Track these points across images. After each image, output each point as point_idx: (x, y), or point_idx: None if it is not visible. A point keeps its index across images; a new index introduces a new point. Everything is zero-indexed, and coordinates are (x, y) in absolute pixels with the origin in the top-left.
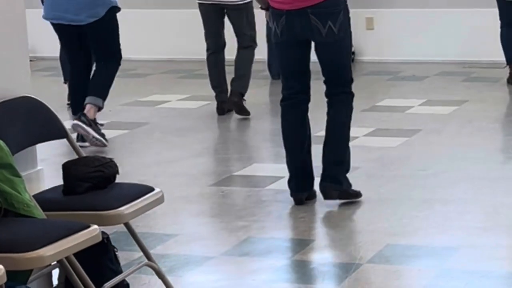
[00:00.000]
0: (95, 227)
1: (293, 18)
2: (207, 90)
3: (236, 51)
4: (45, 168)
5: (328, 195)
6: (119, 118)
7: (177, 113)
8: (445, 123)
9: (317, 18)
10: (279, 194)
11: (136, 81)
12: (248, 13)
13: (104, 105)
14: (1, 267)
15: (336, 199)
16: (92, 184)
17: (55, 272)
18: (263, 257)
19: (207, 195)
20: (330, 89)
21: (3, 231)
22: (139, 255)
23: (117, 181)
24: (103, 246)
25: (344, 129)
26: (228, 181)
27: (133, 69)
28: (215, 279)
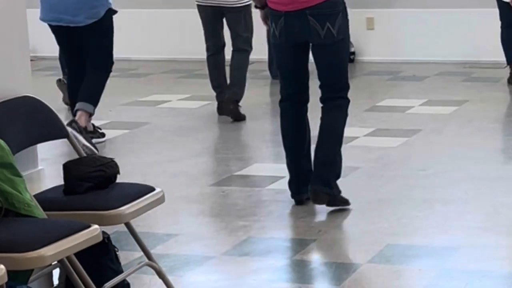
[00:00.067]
0: (96, 227)
1: (291, 19)
2: (207, 90)
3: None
4: (46, 168)
5: (318, 199)
6: (119, 118)
7: (177, 113)
8: (445, 123)
9: (315, 19)
10: (280, 194)
11: (136, 81)
12: (246, 16)
13: (95, 111)
14: (1, 267)
15: (325, 204)
16: (93, 184)
17: (56, 272)
18: (264, 257)
19: (207, 195)
20: (326, 93)
21: (3, 231)
22: (139, 255)
23: (117, 181)
24: (104, 246)
25: (338, 134)
26: (228, 181)
27: (133, 69)
28: (216, 279)
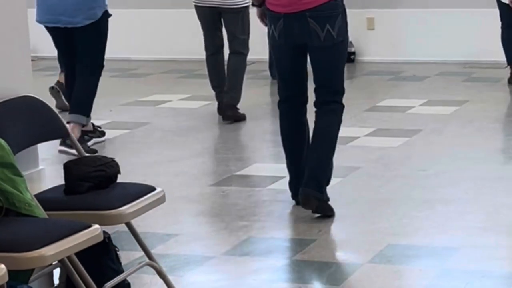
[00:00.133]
0: (97, 226)
1: (290, 21)
2: (207, 90)
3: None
4: (47, 167)
5: (307, 204)
6: (119, 118)
7: (177, 113)
8: (445, 123)
9: (315, 21)
10: (280, 194)
11: (136, 81)
12: (244, 17)
13: (87, 121)
14: (2, 266)
15: (312, 210)
16: (93, 183)
17: (56, 271)
18: (264, 257)
19: (207, 195)
20: (321, 97)
21: (4, 230)
22: (140, 254)
23: (118, 181)
24: (104, 245)
25: (332, 139)
26: (228, 181)
27: (133, 69)
28: (216, 279)
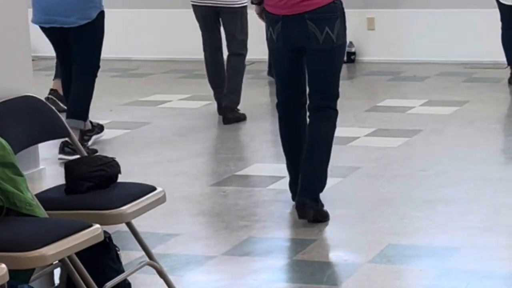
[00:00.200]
0: (97, 226)
1: (289, 23)
2: (208, 90)
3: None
4: (47, 167)
5: (304, 214)
6: (120, 117)
7: (178, 113)
8: (446, 124)
9: (314, 24)
10: (280, 194)
11: (137, 81)
12: (242, 17)
13: (85, 125)
14: (3, 266)
15: (309, 220)
16: (94, 183)
17: (57, 271)
18: (264, 257)
19: (208, 195)
20: (316, 101)
21: (5, 230)
22: (140, 254)
23: (118, 180)
24: (105, 245)
25: (327, 147)
26: (229, 181)
27: (134, 69)
28: (216, 279)
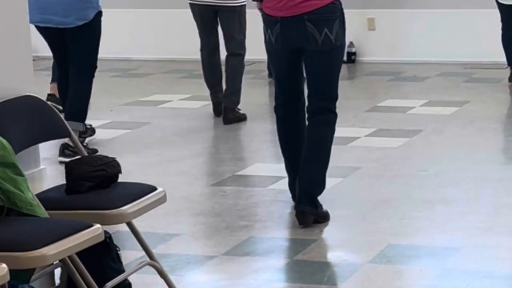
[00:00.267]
0: (98, 226)
1: (288, 25)
2: (208, 90)
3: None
4: (48, 167)
5: (304, 221)
6: (120, 117)
7: (178, 113)
8: (446, 124)
9: (313, 25)
10: (281, 194)
11: (137, 81)
12: (240, 16)
13: (84, 127)
14: (4, 265)
15: (310, 226)
16: (94, 183)
17: (57, 271)
18: (265, 257)
19: (208, 195)
20: (314, 104)
21: (6, 230)
22: (141, 254)
23: (118, 180)
24: (106, 245)
25: (326, 152)
26: (229, 181)
27: (134, 69)
28: (217, 279)
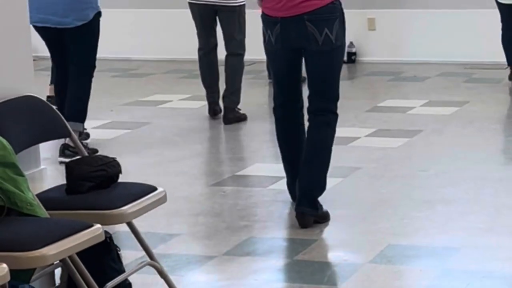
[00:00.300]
0: (98, 226)
1: (288, 25)
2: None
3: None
4: (48, 167)
5: (304, 222)
6: (120, 117)
7: (178, 113)
8: (446, 124)
9: (313, 25)
10: (281, 194)
11: (137, 81)
12: (240, 16)
13: (83, 128)
14: (4, 265)
15: (311, 226)
16: (95, 183)
17: (58, 271)
18: (265, 257)
19: (208, 195)
20: (315, 104)
21: (6, 230)
22: (141, 254)
23: (119, 180)
24: (106, 245)
25: (326, 154)
26: (229, 181)
27: (134, 69)
28: (217, 279)
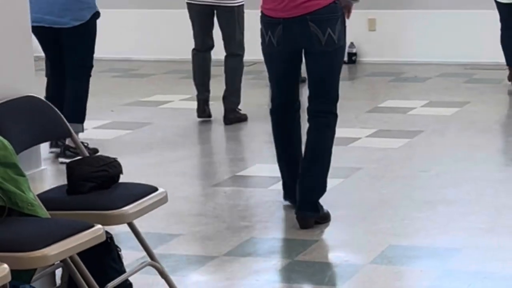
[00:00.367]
0: (99, 226)
1: (290, 26)
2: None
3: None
4: (49, 167)
5: (305, 224)
6: (121, 118)
7: (179, 113)
8: (447, 124)
9: (316, 25)
10: (281, 194)
11: (138, 81)
12: (239, 16)
13: (83, 128)
14: (5, 266)
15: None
16: (96, 183)
17: (59, 271)
18: (266, 258)
19: (209, 195)
20: (315, 105)
21: (7, 230)
22: (142, 254)
23: (119, 181)
24: (107, 245)
25: (327, 156)
26: (230, 181)
27: (135, 69)
28: (218, 279)
